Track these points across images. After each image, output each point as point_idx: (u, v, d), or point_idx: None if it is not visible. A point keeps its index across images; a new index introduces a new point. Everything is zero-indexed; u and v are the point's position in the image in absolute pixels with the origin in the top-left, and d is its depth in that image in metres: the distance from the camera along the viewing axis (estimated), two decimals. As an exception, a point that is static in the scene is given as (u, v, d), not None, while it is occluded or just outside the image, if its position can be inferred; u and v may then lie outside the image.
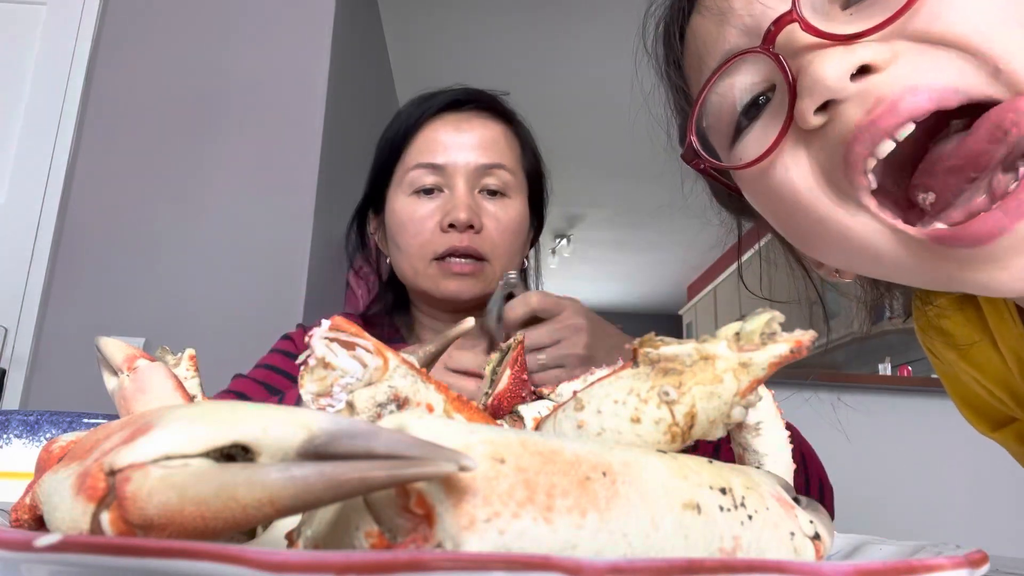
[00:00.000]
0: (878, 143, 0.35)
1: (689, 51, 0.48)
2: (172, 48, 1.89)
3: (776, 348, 0.25)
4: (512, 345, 0.40)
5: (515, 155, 0.86)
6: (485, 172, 0.82)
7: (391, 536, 0.18)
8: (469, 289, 0.80)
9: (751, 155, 0.42)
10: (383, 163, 0.86)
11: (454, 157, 0.81)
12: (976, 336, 0.55)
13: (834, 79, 0.36)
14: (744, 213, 0.56)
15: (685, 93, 0.51)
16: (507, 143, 0.85)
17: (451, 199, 0.81)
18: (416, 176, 0.82)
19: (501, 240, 0.82)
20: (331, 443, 0.17)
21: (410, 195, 0.82)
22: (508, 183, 0.83)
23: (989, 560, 0.20)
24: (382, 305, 0.92)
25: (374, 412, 0.27)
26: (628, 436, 0.25)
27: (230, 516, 0.17)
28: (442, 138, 0.82)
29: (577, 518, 0.18)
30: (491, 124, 0.85)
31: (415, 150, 0.83)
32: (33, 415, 0.50)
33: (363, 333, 0.28)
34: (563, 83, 3.37)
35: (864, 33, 0.36)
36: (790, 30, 0.38)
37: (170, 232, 1.77)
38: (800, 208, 0.41)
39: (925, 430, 2.25)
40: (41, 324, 1.71)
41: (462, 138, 0.82)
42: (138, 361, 0.33)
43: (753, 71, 0.42)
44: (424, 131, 0.83)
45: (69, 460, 0.21)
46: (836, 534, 0.29)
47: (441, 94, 0.86)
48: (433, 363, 0.44)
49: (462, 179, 0.81)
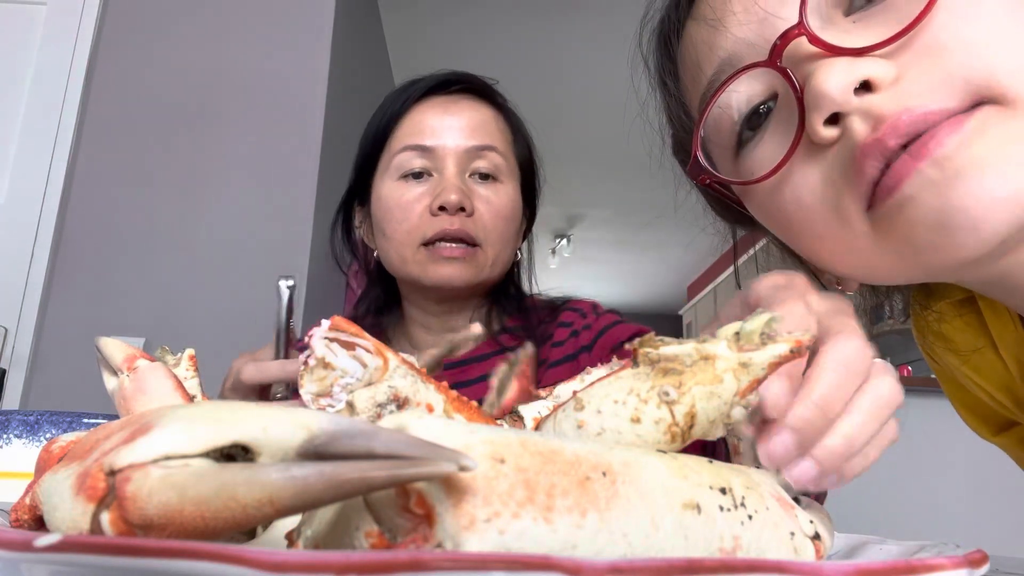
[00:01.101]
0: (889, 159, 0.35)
1: (685, 59, 0.47)
2: (172, 48, 1.89)
3: (776, 348, 0.25)
4: (521, 358, 0.40)
5: (506, 139, 0.83)
6: (476, 154, 0.79)
7: (391, 536, 0.18)
8: (460, 275, 0.77)
9: (760, 169, 0.41)
10: (368, 150, 0.83)
11: (443, 139, 0.78)
12: (977, 341, 0.55)
13: (837, 92, 0.35)
14: (740, 222, 0.55)
15: (681, 102, 0.50)
16: (497, 126, 0.82)
17: (441, 182, 0.77)
18: (403, 159, 0.78)
19: (493, 225, 0.78)
20: (331, 443, 0.17)
21: (397, 180, 0.79)
22: (500, 167, 0.80)
23: (989, 560, 0.20)
24: (368, 302, 0.88)
25: (374, 412, 0.27)
26: (628, 436, 0.25)
27: (230, 516, 0.17)
28: (430, 120, 0.79)
29: (577, 518, 0.18)
30: (480, 107, 0.82)
31: (402, 133, 0.80)
32: (33, 415, 0.50)
33: (363, 333, 0.28)
34: (563, 83, 3.37)
35: (871, 48, 0.36)
36: (796, 41, 0.38)
37: (170, 232, 1.77)
38: (807, 223, 0.41)
39: (925, 430, 2.25)
40: (41, 324, 1.71)
41: (451, 120, 0.79)
42: (138, 361, 0.33)
43: (754, 81, 0.42)
44: (411, 114, 0.80)
45: (69, 460, 0.21)
46: (836, 534, 0.29)
47: (427, 77, 0.83)
48: (437, 367, 0.44)
49: (452, 161, 0.78)
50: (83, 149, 1.81)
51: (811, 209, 0.40)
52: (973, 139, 0.34)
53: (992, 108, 0.34)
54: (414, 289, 0.82)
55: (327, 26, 1.92)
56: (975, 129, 0.34)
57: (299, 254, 1.76)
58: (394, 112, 0.81)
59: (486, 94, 0.84)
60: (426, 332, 0.84)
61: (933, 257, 0.37)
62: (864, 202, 0.37)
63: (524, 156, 0.85)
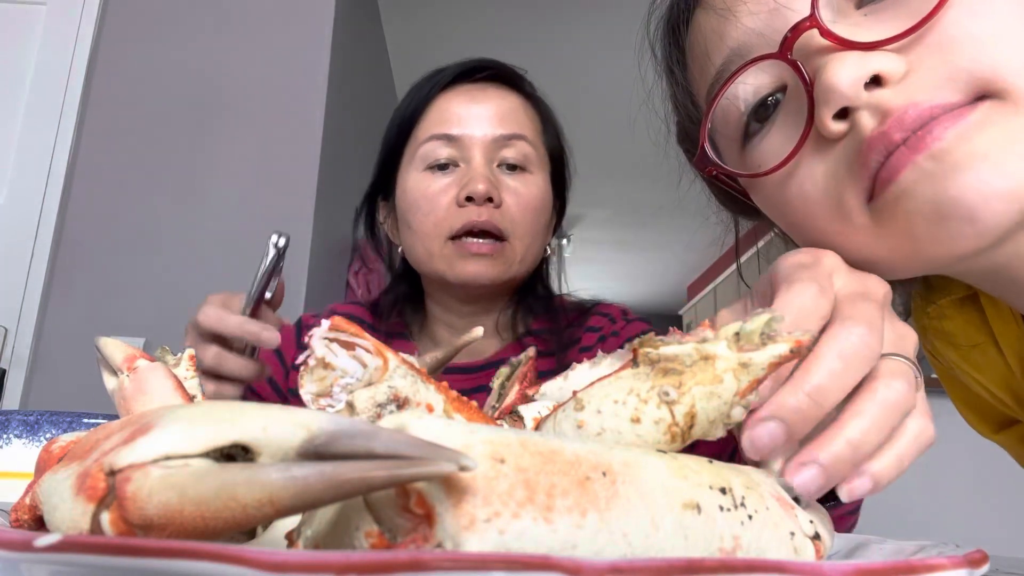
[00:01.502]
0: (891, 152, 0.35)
1: (693, 48, 0.47)
2: (172, 48, 1.89)
3: (776, 348, 0.25)
4: (523, 360, 0.40)
5: (535, 128, 0.80)
6: (504, 143, 0.76)
7: (391, 536, 0.18)
8: (487, 271, 0.74)
9: (768, 162, 0.41)
10: (393, 142, 0.80)
11: (470, 128, 0.75)
12: (978, 337, 0.55)
13: (847, 86, 0.35)
14: (744, 213, 0.55)
15: (688, 91, 0.50)
16: (526, 114, 0.79)
17: (467, 172, 0.74)
18: (429, 149, 0.76)
19: (522, 217, 0.75)
20: (331, 443, 0.17)
21: (423, 171, 0.76)
22: (529, 156, 0.77)
23: (989, 560, 0.20)
24: (392, 297, 0.85)
25: (374, 413, 0.27)
26: (628, 436, 0.25)
27: (230, 516, 0.17)
28: (456, 109, 0.76)
29: (577, 518, 0.18)
30: (508, 95, 0.79)
31: (427, 123, 0.77)
32: (33, 415, 0.50)
33: (363, 333, 0.28)
34: (563, 83, 3.37)
35: (883, 42, 0.36)
36: (807, 34, 0.38)
37: (170, 232, 1.77)
38: (811, 216, 0.41)
39: (925, 430, 2.24)
40: (41, 324, 1.71)
41: (478, 108, 0.76)
42: (138, 361, 0.33)
43: (762, 72, 0.41)
44: (436, 103, 0.77)
45: (69, 460, 0.21)
46: (836, 534, 0.29)
47: (454, 65, 0.80)
48: (439, 369, 0.44)
49: (479, 151, 0.75)
50: (83, 149, 1.81)
51: (814, 202, 0.40)
52: (973, 133, 0.34)
53: (995, 103, 0.34)
54: (439, 286, 0.79)
55: (327, 26, 1.92)
56: (976, 123, 0.34)
57: (299, 253, 1.76)
58: (420, 101, 0.78)
59: (514, 82, 0.81)
60: (450, 332, 0.81)
61: (931, 249, 0.37)
62: (865, 195, 0.37)
63: (554, 146, 0.83)
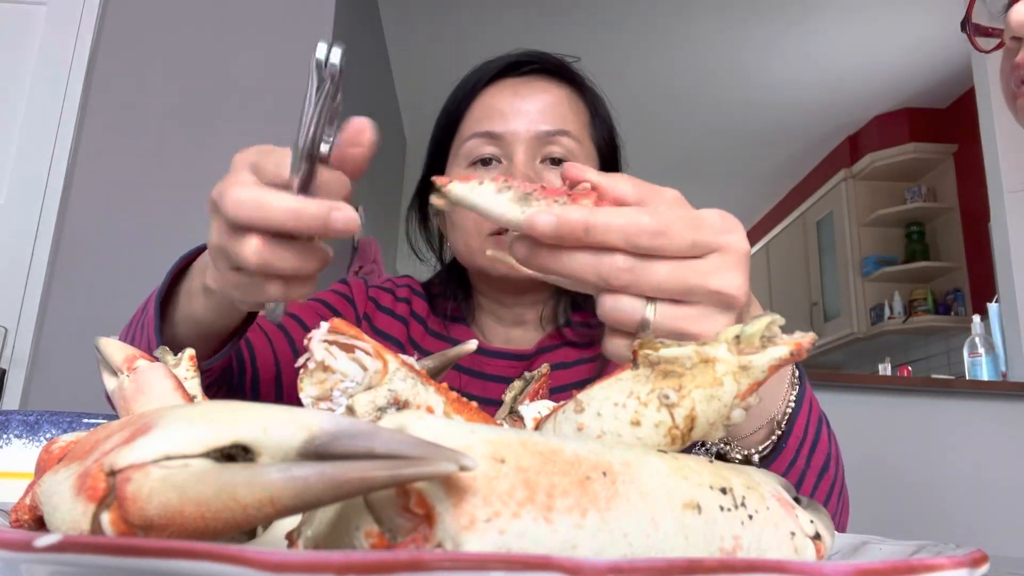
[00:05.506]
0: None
1: None
2: (172, 48, 1.89)
3: (776, 351, 0.25)
4: (536, 376, 0.40)
5: (582, 121, 0.79)
6: (547, 140, 0.75)
7: (391, 536, 0.18)
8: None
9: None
10: (439, 138, 0.81)
11: (513, 125, 0.75)
12: None
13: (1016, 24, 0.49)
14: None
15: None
16: (571, 108, 0.78)
17: (509, 169, 0.75)
18: (472, 147, 0.76)
19: None
20: (331, 443, 0.17)
21: (467, 167, 0.77)
22: (574, 152, 0.76)
23: (989, 560, 0.20)
24: (443, 288, 0.85)
25: (374, 416, 0.27)
26: (628, 439, 0.25)
27: (230, 516, 0.17)
28: (499, 105, 0.77)
29: (577, 518, 0.18)
30: (553, 88, 0.78)
31: (471, 119, 0.78)
32: (33, 415, 0.50)
33: (362, 335, 0.28)
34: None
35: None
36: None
37: (170, 232, 1.77)
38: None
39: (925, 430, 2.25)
40: (41, 324, 1.71)
41: (521, 104, 0.76)
42: (138, 361, 0.33)
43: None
44: (481, 98, 0.78)
45: (69, 460, 0.21)
46: (836, 534, 0.29)
47: (499, 58, 0.80)
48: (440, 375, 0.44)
49: (522, 148, 0.75)
50: (83, 149, 1.81)
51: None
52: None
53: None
54: (483, 280, 0.81)
55: (327, 27, 1.92)
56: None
57: (299, 254, 1.76)
58: (464, 97, 0.79)
59: (561, 73, 0.80)
60: (497, 323, 0.83)
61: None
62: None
63: (603, 139, 0.82)
